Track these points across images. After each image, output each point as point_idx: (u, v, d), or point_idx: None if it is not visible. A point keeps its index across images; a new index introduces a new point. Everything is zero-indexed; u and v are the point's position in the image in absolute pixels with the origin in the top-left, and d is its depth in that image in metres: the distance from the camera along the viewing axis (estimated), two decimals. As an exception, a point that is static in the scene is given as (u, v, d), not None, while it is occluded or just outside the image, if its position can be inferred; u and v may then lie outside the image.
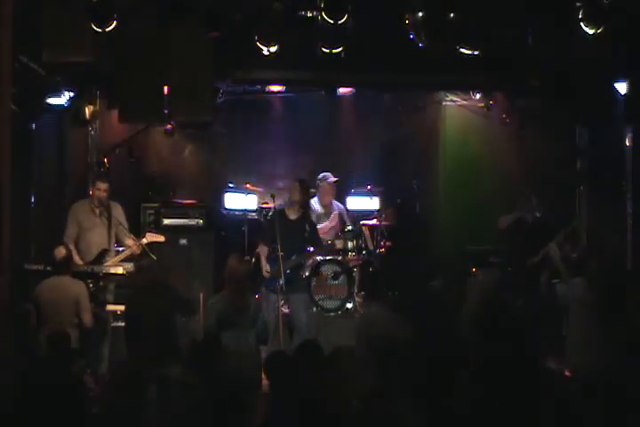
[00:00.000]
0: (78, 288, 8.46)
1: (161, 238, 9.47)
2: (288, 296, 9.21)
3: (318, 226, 9.98)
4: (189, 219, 10.46)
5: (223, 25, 8.61)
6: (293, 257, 9.24)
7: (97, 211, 9.39)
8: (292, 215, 9.45)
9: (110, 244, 9.38)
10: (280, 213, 9.40)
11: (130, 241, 9.34)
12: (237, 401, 5.72)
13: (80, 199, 9.68)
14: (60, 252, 8.55)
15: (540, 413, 5.55)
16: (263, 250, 9.35)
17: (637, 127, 10.34)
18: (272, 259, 9.16)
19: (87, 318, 8.40)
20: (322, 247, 9.67)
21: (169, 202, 10.76)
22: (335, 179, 10.74)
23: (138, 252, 9.23)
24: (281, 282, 8.93)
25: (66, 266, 8.54)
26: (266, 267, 9.23)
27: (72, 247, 9.02)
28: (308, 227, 9.41)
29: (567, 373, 7.40)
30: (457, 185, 11.73)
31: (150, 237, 9.42)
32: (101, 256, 9.22)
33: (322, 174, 10.79)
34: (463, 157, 11.80)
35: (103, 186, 9.38)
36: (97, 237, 9.34)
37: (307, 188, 9.60)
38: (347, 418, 5.35)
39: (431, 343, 6.77)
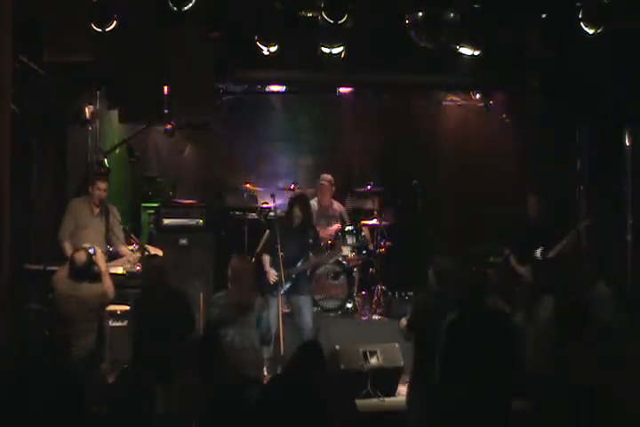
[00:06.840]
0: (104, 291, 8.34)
1: (159, 253, 9.14)
2: (294, 298, 9.18)
3: (326, 229, 10.00)
4: (189, 219, 10.42)
5: (223, 25, 8.62)
6: (299, 264, 9.22)
7: (95, 210, 9.35)
8: (295, 224, 9.45)
9: (104, 245, 9.22)
10: (281, 220, 9.37)
11: (124, 249, 9.24)
12: (238, 400, 5.72)
13: (79, 196, 9.64)
14: (81, 257, 8.20)
15: None
16: (266, 258, 9.27)
17: (637, 127, 10.33)
18: (276, 265, 9.11)
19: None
20: (322, 254, 9.63)
21: (169, 202, 10.74)
22: (328, 176, 10.68)
23: (132, 261, 9.11)
24: (285, 287, 8.96)
25: (86, 272, 8.34)
26: (271, 272, 9.12)
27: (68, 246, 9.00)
28: (311, 233, 9.36)
29: None
30: (457, 185, 11.73)
31: (148, 251, 9.14)
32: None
33: (320, 176, 10.78)
34: (463, 156, 11.80)
35: (103, 185, 9.28)
36: (91, 237, 9.24)
37: (308, 202, 9.52)
38: None
39: None
